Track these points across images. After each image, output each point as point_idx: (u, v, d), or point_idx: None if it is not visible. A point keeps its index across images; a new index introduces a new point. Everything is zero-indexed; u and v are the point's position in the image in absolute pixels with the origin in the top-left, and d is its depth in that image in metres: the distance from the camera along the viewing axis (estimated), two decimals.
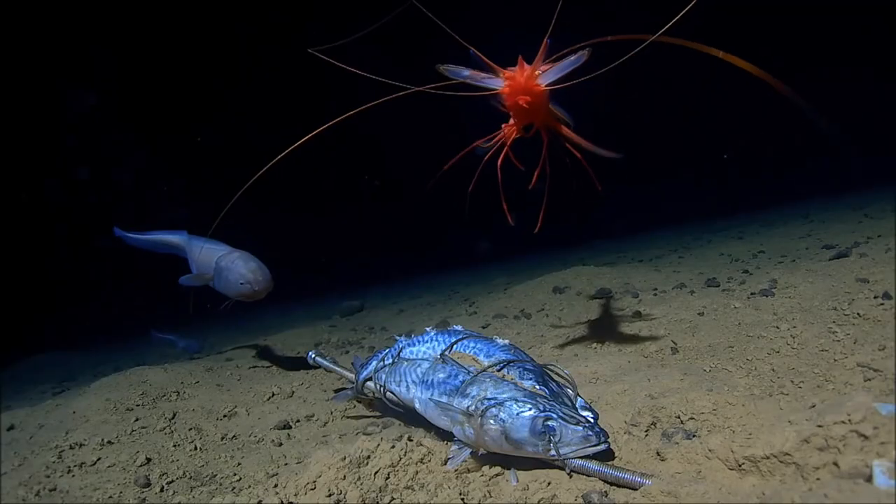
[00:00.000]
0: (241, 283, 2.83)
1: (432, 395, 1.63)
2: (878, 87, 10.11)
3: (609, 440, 1.40)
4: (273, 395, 2.53)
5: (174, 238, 3.44)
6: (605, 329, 2.64)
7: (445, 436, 1.63)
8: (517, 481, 1.36)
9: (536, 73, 1.52)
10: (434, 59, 1.51)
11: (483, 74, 1.52)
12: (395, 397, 1.84)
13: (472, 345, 1.72)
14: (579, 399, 1.53)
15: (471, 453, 1.47)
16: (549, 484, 1.34)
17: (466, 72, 1.50)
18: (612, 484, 1.31)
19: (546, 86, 1.53)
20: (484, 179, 1.85)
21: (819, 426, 1.13)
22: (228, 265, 2.90)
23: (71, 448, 1.96)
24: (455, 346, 1.73)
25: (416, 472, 1.41)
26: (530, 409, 1.41)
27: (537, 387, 1.49)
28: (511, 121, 1.74)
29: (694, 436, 1.42)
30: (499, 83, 1.54)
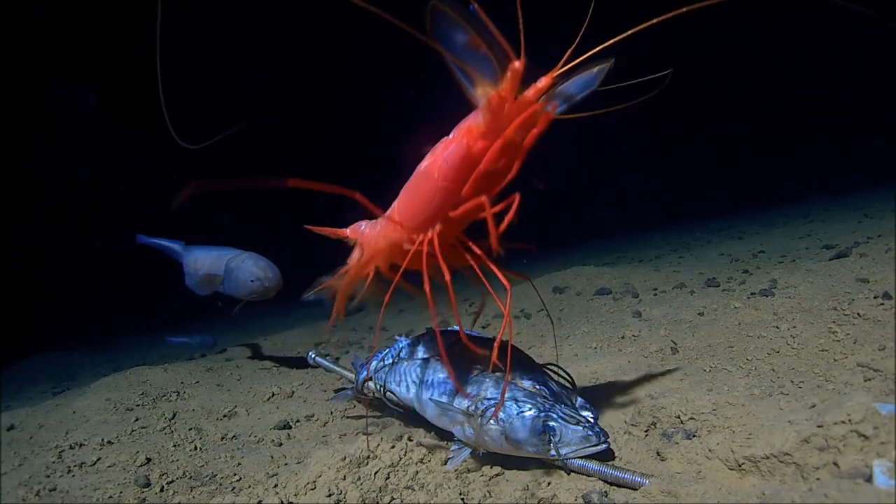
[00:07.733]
0: (252, 281, 2.90)
1: (432, 395, 1.63)
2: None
3: (609, 440, 1.40)
4: (273, 395, 2.53)
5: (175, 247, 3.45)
6: (605, 329, 2.64)
7: (445, 436, 1.63)
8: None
9: (547, 86, 1.03)
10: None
11: (481, 50, 1.00)
12: (395, 397, 1.84)
13: None
14: (579, 399, 1.53)
15: (471, 453, 1.47)
16: (549, 484, 1.35)
17: (463, 36, 0.99)
18: (612, 484, 1.31)
19: (557, 114, 1.06)
20: None
21: (819, 426, 1.13)
22: (238, 265, 2.98)
23: (71, 448, 1.96)
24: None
25: (416, 472, 1.41)
26: (530, 409, 1.41)
27: (537, 387, 1.50)
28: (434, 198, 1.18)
29: (694, 436, 1.42)
30: (491, 77, 1.04)
